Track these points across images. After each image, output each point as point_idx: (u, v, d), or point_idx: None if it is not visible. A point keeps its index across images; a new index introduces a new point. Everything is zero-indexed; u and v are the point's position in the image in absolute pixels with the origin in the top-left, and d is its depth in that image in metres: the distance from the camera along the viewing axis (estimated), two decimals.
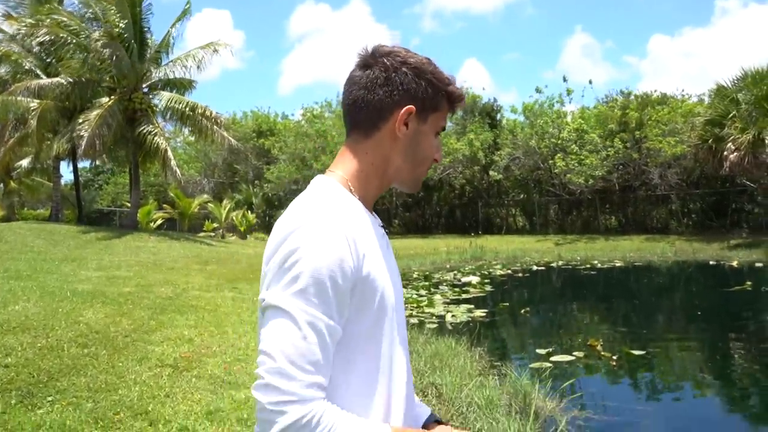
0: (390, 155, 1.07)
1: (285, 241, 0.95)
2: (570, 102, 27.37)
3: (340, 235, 0.95)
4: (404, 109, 1.05)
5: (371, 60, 1.07)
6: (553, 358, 6.41)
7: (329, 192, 1.04)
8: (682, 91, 34.05)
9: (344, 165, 1.08)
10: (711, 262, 16.71)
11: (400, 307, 1.11)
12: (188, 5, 19.62)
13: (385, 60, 1.06)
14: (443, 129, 1.11)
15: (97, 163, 30.03)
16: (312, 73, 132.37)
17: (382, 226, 1.15)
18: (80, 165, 25.54)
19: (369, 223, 1.06)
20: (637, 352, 6.68)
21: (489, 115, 29.82)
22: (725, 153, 19.24)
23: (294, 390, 0.88)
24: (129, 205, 23.20)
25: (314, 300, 0.91)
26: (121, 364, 4.76)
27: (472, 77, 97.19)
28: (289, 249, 0.93)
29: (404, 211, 31.90)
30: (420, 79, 1.05)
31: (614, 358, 6.50)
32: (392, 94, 1.04)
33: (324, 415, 0.89)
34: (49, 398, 3.88)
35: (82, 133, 17.10)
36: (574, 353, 6.63)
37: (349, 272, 0.94)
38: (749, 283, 11.72)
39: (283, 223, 0.99)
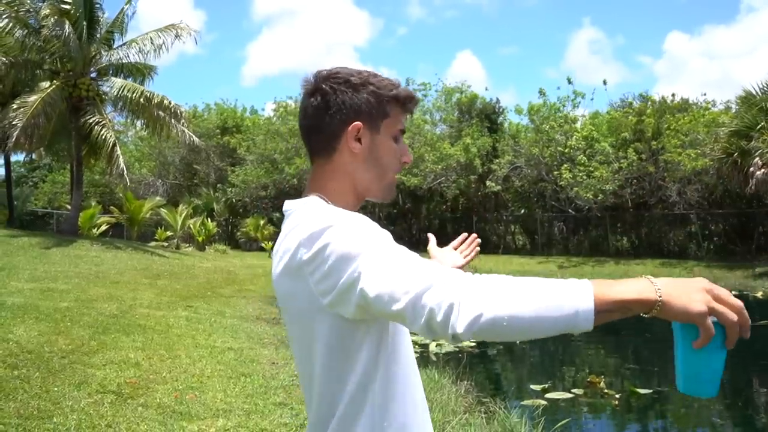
0: (355, 172, 1.25)
1: (319, 248, 1.09)
2: (578, 107, 27.49)
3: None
4: (351, 126, 1.22)
5: (313, 87, 1.26)
6: (548, 395, 6.56)
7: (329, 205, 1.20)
8: (705, 96, 34.54)
9: (319, 188, 1.25)
10: (733, 292, 16.83)
11: None
12: None
13: (323, 85, 1.24)
14: (403, 131, 1.29)
15: (33, 157, 29.76)
16: (279, 62, 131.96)
17: None
18: (13, 159, 25.37)
19: None
20: (644, 391, 6.83)
21: (489, 117, 29.97)
22: (752, 169, 19.60)
23: (445, 288, 1.01)
24: (69, 207, 23.02)
25: (374, 239, 1.13)
26: (56, 388, 4.80)
27: (465, 72, 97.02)
28: (323, 244, 1.09)
29: (388, 224, 32.00)
30: (360, 93, 1.23)
31: (617, 396, 6.65)
32: (337, 115, 1.23)
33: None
34: None
35: (15, 122, 16.97)
36: (573, 390, 6.78)
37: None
38: None
39: (300, 236, 1.12)
